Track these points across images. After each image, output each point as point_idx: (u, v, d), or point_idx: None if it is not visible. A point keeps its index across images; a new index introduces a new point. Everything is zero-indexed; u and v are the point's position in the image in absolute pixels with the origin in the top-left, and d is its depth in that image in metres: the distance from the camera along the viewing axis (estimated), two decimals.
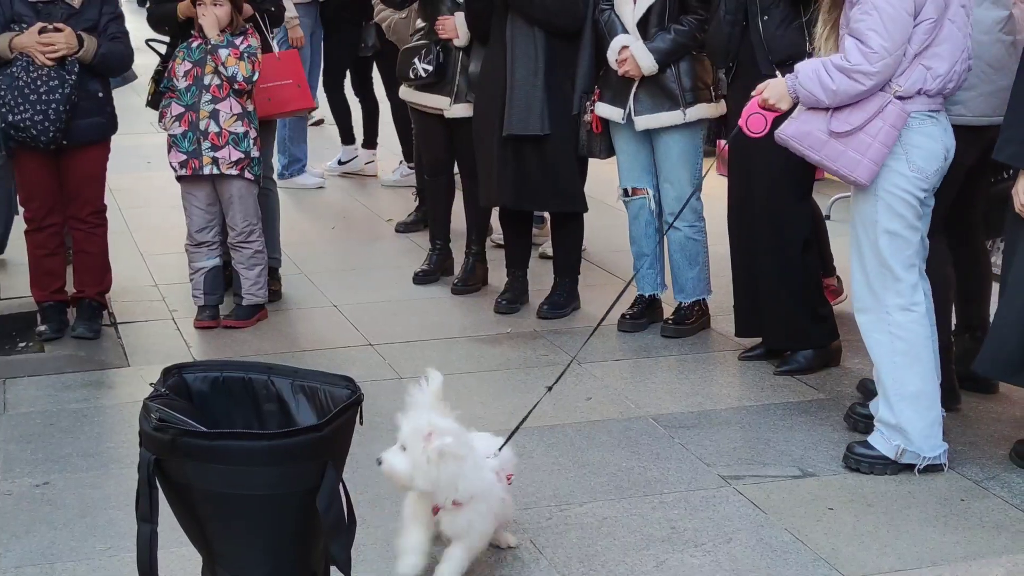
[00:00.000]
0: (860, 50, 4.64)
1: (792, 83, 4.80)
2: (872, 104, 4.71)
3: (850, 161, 4.73)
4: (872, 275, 4.89)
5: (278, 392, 3.89)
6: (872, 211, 4.84)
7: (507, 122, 6.63)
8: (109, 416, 5.65)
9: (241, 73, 6.51)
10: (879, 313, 4.90)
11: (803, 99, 4.78)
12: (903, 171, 4.76)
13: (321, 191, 10.18)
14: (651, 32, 6.31)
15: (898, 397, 4.89)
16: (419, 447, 3.92)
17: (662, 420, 5.52)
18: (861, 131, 4.71)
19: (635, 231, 6.72)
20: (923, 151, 4.78)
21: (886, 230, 4.82)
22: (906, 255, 4.86)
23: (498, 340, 6.62)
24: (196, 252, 6.78)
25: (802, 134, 4.80)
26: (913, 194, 4.80)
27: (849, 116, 4.72)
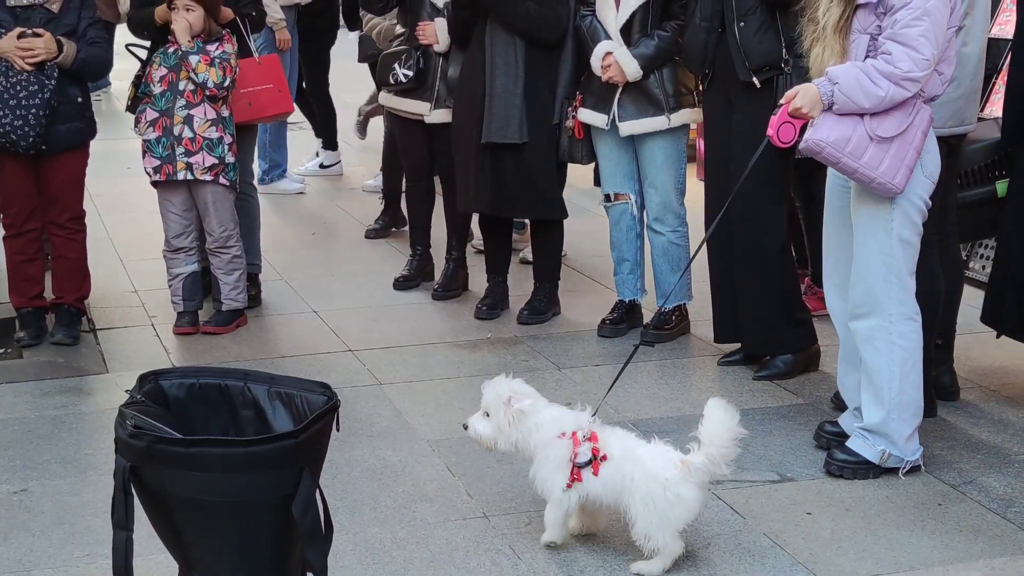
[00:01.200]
0: (911, 57, 4.55)
1: (827, 88, 4.64)
2: (907, 108, 4.65)
3: (890, 168, 4.64)
4: (877, 282, 4.86)
5: (255, 398, 3.88)
6: (887, 219, 4.78)
7: (486, 129, 6.63)
8: (87, 423, 5.63)
9: (212, 80, 6.49)
10: (881, 320, 4.87)
11: (841, 105, 4.63)
12: (919, 178, 4.75)
13: (301, 196, 10.17)
14: (634, 38, 6.32)
15: (894, 404, 4.88)
16: (501, 411, 4.30)
17: (642, 425, 5.51)
18: (900, 138, 4.64)
19: (616, 236, 6.73)
20: (932, 156, 4.79)
21: (900, 238, 4.79)
22: (913, 263, 4.86)
23: (478, 346, 6.62)
24: (174, 258, 6.76)
25: (842, 140, 4.64)
26: (924, 200, 4.80)
27: (887, 122, 4.64)
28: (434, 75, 7.14)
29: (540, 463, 4.32)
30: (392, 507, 4.77)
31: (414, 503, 4.80)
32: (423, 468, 5.12)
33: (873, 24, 4.68)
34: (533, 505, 4.74)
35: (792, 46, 5.63)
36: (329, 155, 10.90)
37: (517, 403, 4.32)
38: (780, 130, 4.74)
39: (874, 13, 4.67)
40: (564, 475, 4.29)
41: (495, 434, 4.36)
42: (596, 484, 4.26)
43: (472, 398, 5.81)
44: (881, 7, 4.65)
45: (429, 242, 7.69)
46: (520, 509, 4.73)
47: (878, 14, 4.66)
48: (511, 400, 4.33)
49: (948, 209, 5.50)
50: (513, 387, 4.38)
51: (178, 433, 3.61)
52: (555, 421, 4.35)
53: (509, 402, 4.33)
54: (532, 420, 4.34)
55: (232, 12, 6.84)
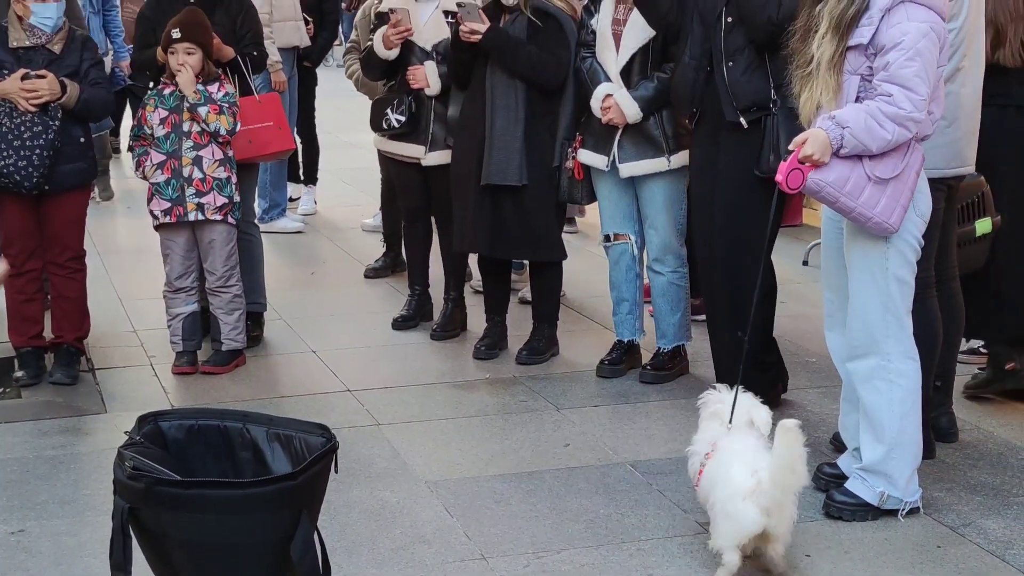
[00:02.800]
0: (909, 98, 4.58)
1: (837, 133, 4.63)
2: (903, 149, 4.68)
3: (887, 208, 4.66)
4: (874, 322, 4.86)
5: (253, 440, 3.89)
6: (883, 258, 4.80)
7: (485, 171, 6.65)
8: (86, 463, 5.62)
9: (224, 127, 6.54)
10: (880, 359, 4.87)
11: (851, 149, 4.64)
12: (912, 216, 4.78)
13: (300, 235, 10.19)
14: (634, 80, 6.34)
15: (894, 444, 4.88)
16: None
17: (640, 466, 5.51)
18: (897, 178, 4.67)
19: (615, 276, 6.73)
20: (924, 195, 4.82)
21: (896, 277, 4.81)
22: (910, 301, 4.87)
23: (477, 386, 6.62)
24: (174, 298, 6.77)
25: (841, 180, 4.66)
26: (917, 239, 4.82)
27: (885, 162, 4.66)
28: (427, 118, 7.15)
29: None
30: (390, 548, 4.76)
31: (412, 544, 4.79)
32: (421, 509, 5.11)
33: (863, 65, 4.71)
34: (531, 547, 4.74)
35: (780, 87, 5.66)
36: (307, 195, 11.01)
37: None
38: (789, 177, 4.70)
39: (864, 54, 4.70)
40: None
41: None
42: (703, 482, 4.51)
43: (471, 439, 5.84)
44: (871, 48, 4.68)
45: (427, 282, 7.69)
46: (518, 551, 4.72)
47: (868, 55, 4.69)
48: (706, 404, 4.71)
49: (948, 250, 5.51)
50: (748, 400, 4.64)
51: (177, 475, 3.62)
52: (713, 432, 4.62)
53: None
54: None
55: (233, 51, 6.87)
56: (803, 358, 6.91)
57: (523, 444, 5.80)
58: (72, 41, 6.46)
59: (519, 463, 5.58)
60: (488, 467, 5.54)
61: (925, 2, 4.66)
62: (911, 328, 4.89)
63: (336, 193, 11.44)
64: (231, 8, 7.00)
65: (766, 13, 5.63)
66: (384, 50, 7.06)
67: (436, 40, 7.08)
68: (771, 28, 5.60)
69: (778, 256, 6.23)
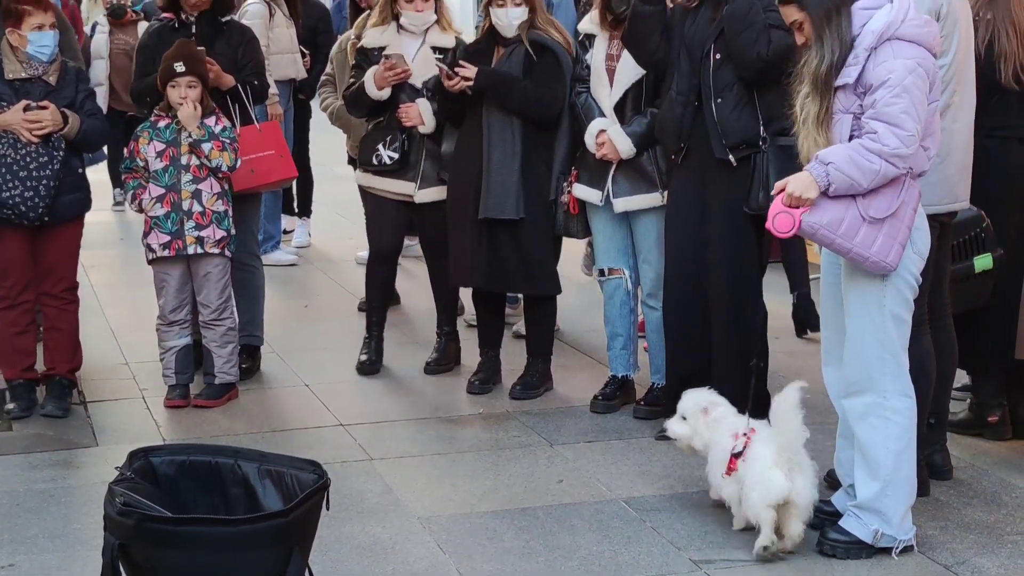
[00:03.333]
0: (896, 134, 4.59)
1: (821, 171, 4.64)
2: (897, 187, 4.68)
3: (884, 247, 4.67)
4: (871, 360, 4.86)
5: (244, 476, 3.88)
6: (879, 296, 4.80)
7: (483, 205, 6.64)
8: (76, 497, 5.59)
9: (226, 163, 6.55)
10: (876, 397, 4.87)
11: (838, 185, 4.64)
12: (909, 254, 4.78)
13: (294, 268, 10.18)
14: (628, 115, 6.35)
15: (890, 479, 4.86)
16: (699, 418, 5.17)
17: (634, 503, 5.49)
18: (893, 216, 4.67)
19: (610, 311, 6.72)
20: (922, 232, 4.82)
21: (893, 314, 4.81)
22: (906, 339, 4.87)
23: (470, 421, 6.60)
24: (168, 331, 6.75)
25: (835, 222, 4.67)
26: (915, 276, 4.83)
27: (878, 201, 4.67)
28: (418, 154, 7.11)
29: (711, 461, 5.14)
30: None
31: None
32: (413, 546, 5.08)
33: (855, 104, 4.72)
34: None
35: (769, 124, 5.66)
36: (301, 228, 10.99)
37: (713, 411, 5.17)
38: (776, 221, 4.71)
39: (854, 93, 4.72)
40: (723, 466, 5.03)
41: (691, 434, 5.21)
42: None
43: (464, 474, 5.82)
44: (860, 87, 4.70)
45: (384, 323, 7.58)
46: None
47: (858, 93, 4.71)
48: (707, 409, 5.18)
49: (942, 287, 5.51)
50: (708, 397, 5.25)
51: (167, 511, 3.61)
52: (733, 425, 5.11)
53: (706, 411, 5.18)
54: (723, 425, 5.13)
55: (233, 79, 6.87)
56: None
57: (516, 480, 5.77)
58: (66, 73, 6.48)
59: (512, 499, 5.56)
60: (481, 503, 5.52)
61: (912, 38, 4.68)
62: (907, 366, 4.88)
63: (330, 226, 11.44)
64: (232, 38, 7.01)
65: (755, 51, 5.64)
66: (376, 90, 7.03)
67: (426, 77, 7.07)
68: (760, 66, 5.63)
69: (774, 292, 6.23)
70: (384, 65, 6.94)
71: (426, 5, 7.06)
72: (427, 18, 7.08)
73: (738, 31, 5.67)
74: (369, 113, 7.25)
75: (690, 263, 6.05)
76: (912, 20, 4.71)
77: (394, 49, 7.02)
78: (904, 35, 4.68)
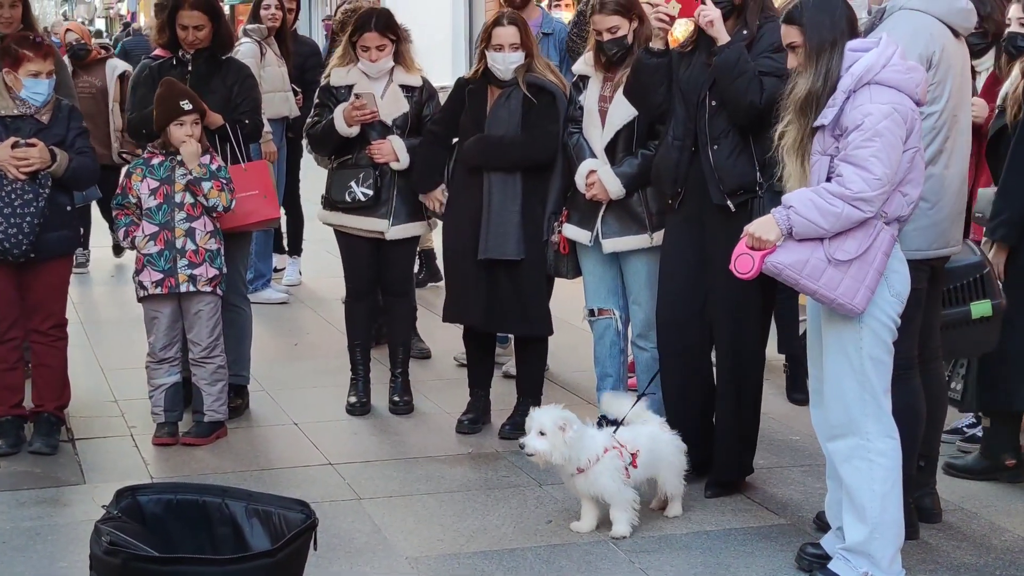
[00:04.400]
0: (863, 177, 4.62)
1: (782, 214, 4.72)
2: (867, 231, 4.70)
3: (849, 289, 4.69)
4: (852, 402, 4.87)
5: (232, 515, 3.87)
6: (856, 338, 4.82)
7: (483, 245, 6.65)
8: (63, 535, 5.56)
9: (222, 203, 6.56)
10: (859, 439, 4.86)
11: (799, 228, 4.70)
12: (885, 296, 4.79)
13: (285, 306, 10.18)
14: (619, 156, 6.37)
15: (876, 524, 4.85)
16: (558, 434, 5.46)
17: (623, 544, 5.47)
18: (859, 259, 4.69)
19: (600, 352, 6.72)
20: (900, 275, 4.83)
21: (871, 356, 4.82)
22: (887, 381, 4.87)
23: (459, 461, 6.58)
24: (157, 369, 6.73)
25: (799, 263, 4.73)
26: (893, 319, 4.83)
27: (846, 244, 4.70)
28: (389, 191, 7.11)
29: (599, 472, 5.51)
30: None
31: None
32: None
33: (832, 146, 4.77)
34: None
35: (765, 169, 5.69)
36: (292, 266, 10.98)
37: (570, 429, 5.47)
38: (737, 262, 4.82)
39: (832, 135, 4.75)
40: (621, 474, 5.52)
41: (550, 449, 5.47)
42: (638, 472, 5.61)
43: (452, 514, 5.80)
44: (837, 129, 4.73)
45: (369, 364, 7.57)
46: None
47: (835, 135, 4.75)
48: (565, 427, 5.47)
49: (932, 331, 5.52)
50: (563, 415, 5.54)
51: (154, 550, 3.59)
52: (597, 439, 5.57)
53: (564, 428, 5.47)
54: (582, 440, 5.51)
55: (222, 118, 6.88)
56: (788, 436, 6.89)
57: (505, 520, 5.76)
58: (59, 111, 6.49)
59: (501, 539, 5.54)
60: (469, 543, 5.50)
61: (892, 83, 4.71)
62: (889, 407, 4.88)
63: (321, 264, 11.43)
64: (228, 76, 7.03)
65: (748, 99, 5.66)
66: (347, 127, 7.04)
67: (396, 114, 7.09)
68: (754, 113, 5.65)
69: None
70: (353, 104, 6.95)
71: (381, 55, 7.09)
72: (382, 66, 7.11)
73: (729, 81, 5.69)
74: (334, 151, 7.26)
75: (685, 307, 6.04)
76: (895, 65, 4.74)
77: (364, 88, 7.05)
78: (884, 80, 4.71)
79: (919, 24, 5.24)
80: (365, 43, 7.08)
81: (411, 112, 7.14)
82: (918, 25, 5.24)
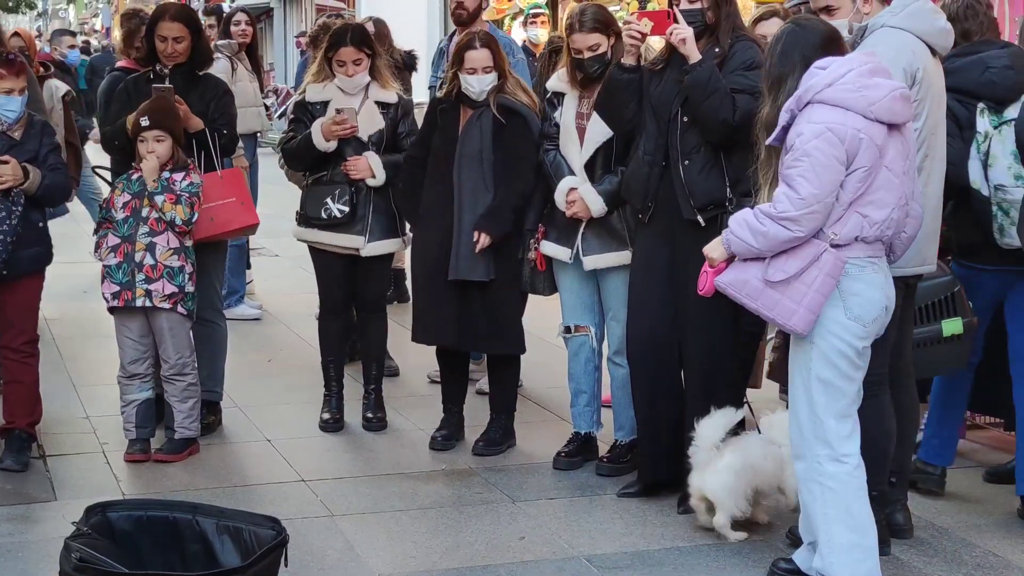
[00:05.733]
0: (788, 196, 4.68)
1: (725, 235, 4.87)
2: (807, 252, 4.73)
3: (785, 310, 4.73)
4: (804, 423, 4.89)
5: (202, 532, 3.86)
6: (806, 359, 4.84)
7: (453, 266, 6.64)
8: (33, 552, 5.52)
9: (180, 217, 6.52)
10: (810, 462, 4.89)
11: (735, 247, 4.81)
12: (839, 319, 4.77)
13: (257, 322, 10.16)
14: (598, 173, 6.38)
15: (828, 548, 4.85)
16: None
17: (596, 560, 5.48)
18: (797, 280, 4.72)
19: (574, 368, 6.72)
20: (861, 299, 4.79)
21: (819, 378, 4.82)
22: (840, 405, 4.85)
23: (433, 477, 6.57)
24: (128, 384, 6.71)
25: (740, 282, 4.82)
26: (849, 343, 4.80)
27: (784, 264, 4.74)
28: (365, 208, 7.11)
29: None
30: None
31: None
32: None
33: None
34: None
35: (736, 185, 5.72)
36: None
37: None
38: (698, 279, 5.07)
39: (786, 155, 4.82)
40: None
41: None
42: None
43: (425, 531, 5.79)
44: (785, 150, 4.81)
45: (343, 380, 7.55)
46: None
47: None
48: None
49: (904, 349, 5.53)
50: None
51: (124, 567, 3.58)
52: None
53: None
54: None
55: (202, 123, 6.86)
56: None
57: (478, 537, 5.75)
58: (31, 127, 6.46)
59: (473, 556, 5.53)
60: (442, 560, 5.49)
61: (833, 101, 4.72)
62: (845, 430, 4.87)
63: (294, 280, 11.42)
64: (207, 92, 7.01)
65: (720, 116, 5.68)
66: (324, 142, 7.03)
67: (371, 130, 7.10)
68: (726, 131, 5.67)
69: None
70: (334, 119, 6.95)
71: (357, 69, 7.11)
72: (359, 81, 7.13)
73: (702, 99, 5.71)
74: (311, 167, 7.25)
75: (656, 321, 6.06)
76: (844, 84, 4.73)
77: (342, 103, 7.05)
78: (826, 99, 4.72)
79: (902, 41, 5.28)
80: (341, 58, 7.09)
81: (387, 129, 7.14)
82: (901, 42, 5.27)
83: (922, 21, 5.35)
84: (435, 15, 19.29)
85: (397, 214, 7.21)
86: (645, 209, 6.04)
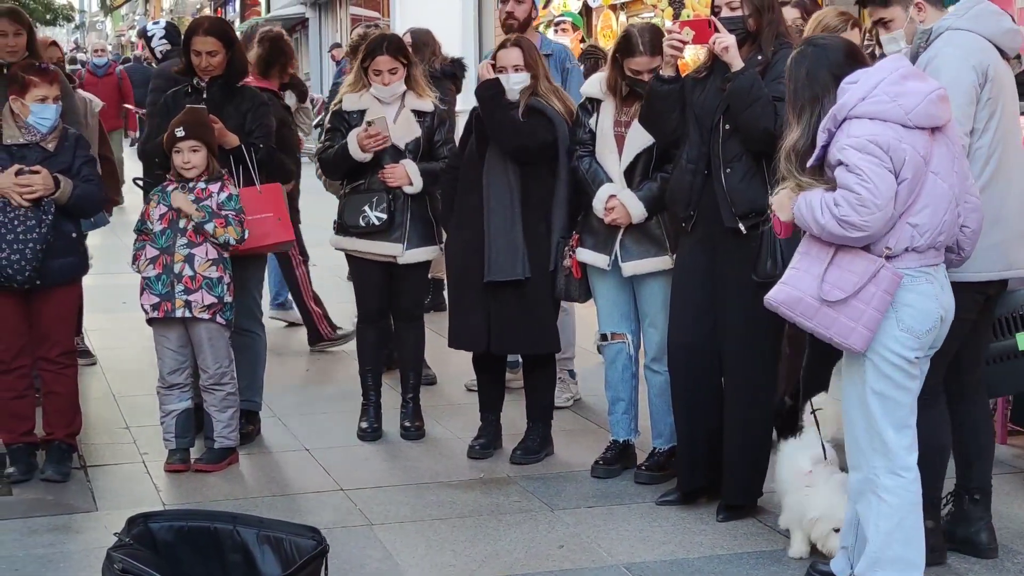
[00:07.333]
0: (847, 199, 4.60)
1: (796, 200, 4.78)
2: (863, 267, 4.66)
3: (844, 328, 4.68)
4: (860, 436, 4.85)
5: (243, 542, 3.87)
6: (860, 371, 4.79)
7: (489, 268, 6.64)
8: (75, 562, 5.55)
9: (232, 237, 6.58)
10: (868, 474, 4.85)
11: (797, 219, 4.78)
12: (891, 331, 4.71)
13: (296, 331, 10.16)
14: (636, 180, 6.37)
15: (876, 559, 4.82)
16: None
17: (635, 569, 5.46)
18: (854, 298, 4.66)
19: (611, 376, 6.71)
20: (914, 310, 4.73)
21: (874, 391, 4.78)
22: (898, 416, 4.81)
23: (471, 485, 6.57)
24: (168, 394, 6.74)
25: (793, 300, 4.74)
26: (901, 355, 4.74)
27: (840, 282, 4.67)
28: (403, 215, 7.13)
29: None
30: None
31: None
32: None
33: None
34: None
35: None
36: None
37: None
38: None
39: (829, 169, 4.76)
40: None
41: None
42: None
43: (464, 539, 5.79)
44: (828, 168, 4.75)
45: (380, 388, 7.54)
46: None
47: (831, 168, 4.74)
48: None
49: (977, 360, 5.45)
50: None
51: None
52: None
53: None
54: None
55: (238, 139, 6.89)
56: None
57: (516, 545, 5.75)
58: (66, 139, 6.50)
59: (512, 565, 5.53)
60: (481, 569, 5.49)
61: (869, 114, 4.67)
62: (903, 443, 4.82)
63: (332, 289, 11.43)
64: (243, 104, 7.04)
65: (762, 124, 5.66)
66: (361, 152, 7.05)
67: (408, 139, 7.12)
68: (768, 139, 5.62)
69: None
70: (367, 132, 6.97)
71: (393, 78, 7.13)
72: (395, 90, 7.15)
73: (744, 107, 5.70)
74: (347, 175, 7.28)
75: (697, 329, 6.04)
76: (876, 96, 4.69)
77: (376, 113, 7.07)
78: (862, 113, 4.68)
79: (969, 41, 5.22)
80: (377, 67, 7.11)
81: (423, 137, 7.16)
82: (969, 42, 5.21)
83: (987, 22, 5.28)
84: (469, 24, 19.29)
85: (435, 222, 7.23)
86: (688, 218, 6.02)
